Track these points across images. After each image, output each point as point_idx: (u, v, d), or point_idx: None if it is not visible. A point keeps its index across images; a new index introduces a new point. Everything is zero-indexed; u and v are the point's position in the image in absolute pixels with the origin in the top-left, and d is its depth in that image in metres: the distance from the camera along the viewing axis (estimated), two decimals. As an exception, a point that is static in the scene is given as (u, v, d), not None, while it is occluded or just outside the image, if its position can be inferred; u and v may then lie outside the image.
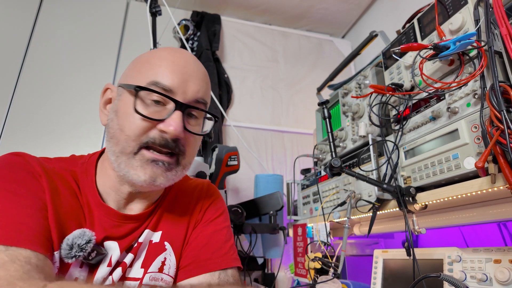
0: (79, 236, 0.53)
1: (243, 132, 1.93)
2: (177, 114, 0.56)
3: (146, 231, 0.63)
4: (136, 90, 0.56)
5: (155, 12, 1.41)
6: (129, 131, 0.56)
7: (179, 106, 0.56)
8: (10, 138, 1.56)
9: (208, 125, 0.66)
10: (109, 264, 0.58)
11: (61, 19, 1.83)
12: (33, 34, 1.75)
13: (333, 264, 1.01)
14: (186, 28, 1.95)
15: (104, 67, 1.82)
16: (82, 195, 0.60)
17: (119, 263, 0.59)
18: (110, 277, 0.58)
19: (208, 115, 0.64)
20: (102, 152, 0.66)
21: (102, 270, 0.57)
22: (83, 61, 1.79)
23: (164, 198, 0.69)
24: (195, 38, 2.00)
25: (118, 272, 0.58)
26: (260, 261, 1.36)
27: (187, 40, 1.94)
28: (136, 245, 0.62)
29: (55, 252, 0.53)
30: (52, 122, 1.64)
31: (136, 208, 0.64)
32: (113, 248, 0.59)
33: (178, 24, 1.92)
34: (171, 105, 0.57)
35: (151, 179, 0.56)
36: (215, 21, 2.08)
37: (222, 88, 1.97)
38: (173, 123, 0.55)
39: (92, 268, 0.57)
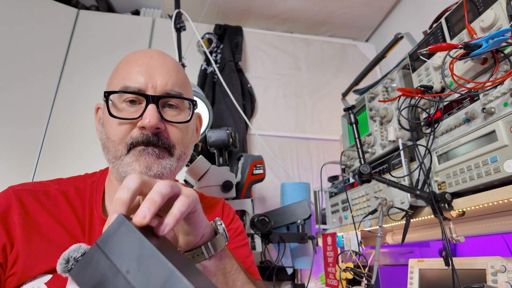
0: (75, 249, 0.53)
1: (267, 141, 1.93)
2: (151, 107, 0.56)
3: None
4: (106, 96, 0.58)
5: (179, 28, 1.46)
6: (113, 136, 0.58)
7: (150, 99, 0.57)
8: (48, 157, 1.65)
9: (191, 113, 0.64)
10: None
11: (92, 37, 1.94)
12: (69, 52, 1.87)
13: (366, 275, 0.98)
14: (209, 41, 2.00)
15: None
16: (85, 211, 0.61)
17: None
18: None
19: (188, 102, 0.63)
20: None
21: None
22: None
23: None
24: (218, 51, 2.04)
25: None
26: (289, 271, 1.34)
27: (210, 53, 1.99)
28: None
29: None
30: (86, 141, 1.71)
31: None
32: None
33: (202, 38, 1.97)
34: (144, 102, 0.58)
35: (147, 168, 0.56)
36: (237, 33, 2.12)
37: (246, 97, 1.99)
38: (147, 116, 0.55)
39: None
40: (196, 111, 0.65)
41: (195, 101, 0.64)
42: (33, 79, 1.75)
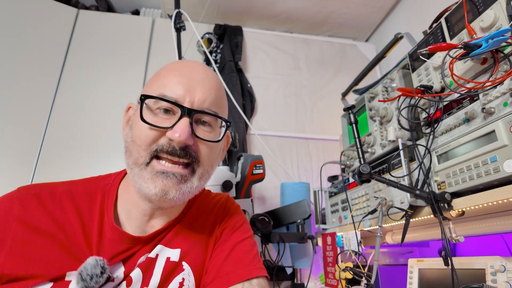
0: (94, 265, 0.52)
1: (267, 141, 1.93)
2: (184, 120, 0.55)
3: (159, 246, 0.61)
4: (142, 99, 0.57)
5: (179, 28, 1.46)
6: (139, 140, 0.56)
7: (185, 111, 0.55)
8: (48, 157, 1.65)
9: (222, 132, 0.63)
10: (112, 279, 0.56)
11: (92, 38, 1.94)
12: (68, 54, 1.87)
13: (365, 274, 0.98)
14: (209, 41, 2.00)
15: (132, 84, 1.89)
16: (94, 216, 0.59)
17: (124, 277, 0.57)
18: None
19: (223, 123, 0.62)
20: None
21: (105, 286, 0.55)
22: (113, 78, 1.88)
23: (185, 214, 0.67)
24: (218, 51, 2.04)
25: (123, 287, 0.56)
26: (289, 271, 1.34)
27: (210, 52, 1.99)
28: (145, 259, 0.59)
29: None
30: (85, 139, 1.72)
31: (157, 224, 0.63)
32: (118, 266, 0.58)
33: (202, 37, 1.97)
34: (178, 113, 0.56)
35: (162, 192, 0.55)
36: (237, 33, 2.12)
37: (246, 97, 1.99)
38: (178, 130, 0.54)
39: None
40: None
41: (230, 122, 0.63)
42: (33, 79, 1.75)
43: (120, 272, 0.57)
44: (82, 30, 1.95)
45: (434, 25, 0.89)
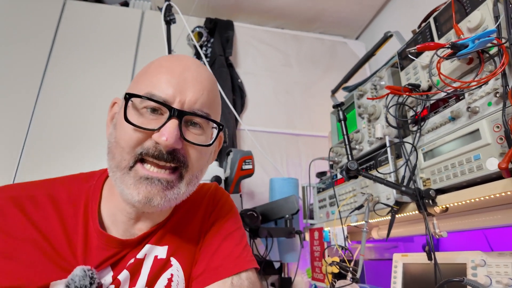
0: (83, 276, 0.50)
1: (257, 136, 1.94)
2: (172, 123, 0.50)
3: (147, 246, 0.60)
4: (126, 98, 0.52)
5: (169, 21, 1.44)
6: (123, 142, 0.52)
7: (174, 113, 0.51)
8: (31, 152, 1.61)
9: (214, 134, 0.58)
10: (100, 286, 0.54)
11: (78, 30, 1.89)
12: (54, 45, 1.82)
13: (351, 269, 0.99)
14: (200, 35, 1.98)
15: (121, 77, 1.85)
16: (79, 222, 0.56)
17: (112, 281, 0.56)
18: None
19: (214, 125, 0.57)
20: None
21: None
22: (100, 71, 1.83)
23: (174, 214, 0.65)
24: (209, 45, 2.02)
25: None
26: (276, 265, 1.35)
27: (201, 46, 1.97)
28: (133, 261, 0.57)
29: None
30: (71, 133, 1.68)
31: (144, 227, 0.61)
32: (107, 271, 0.56)
33: (192, 31, 1.95)
34: (167, 114, 0.52)
35: (146, 199, 0.51)
36: (228, 27, 2.11)
37: (236, 93, 1.98)
38: (165, 133, 0.49)
39: None
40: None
41: (222, 125, 0.58)
42: (17, 71, 1.70)
43: (108, 276, 0.56)
44: (69, 21, 1.89)
45: (423, 24, 0.90)
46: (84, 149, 1.66)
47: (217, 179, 1.20)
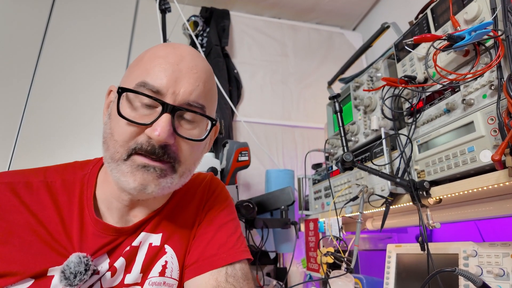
0: (78, 263, 0.51)
1: (253, 128, 1.93)
2: (165, 118, 0.50)
3: (142, 234, 0.60)
4: (119, 92, 0.52)
5: (164, 9, 1.41)
6: (118, 135, 0.52)
7: (167, 108, 0.51)
8: (25, 142, 1.60)
9: (208, 127, 0.58)
10: (97, 272, 0.55)
11: (72, 20, 1.86)
12: (46, 35, 1.78)
13: (345, 259, 1.01)
14: (195, 24, 1.95)
15: (115, 66, 1.83)
16: (74, 209, 0.57)
17: (108, 268, 0.57)
18: (99, 283, 0.55)
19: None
20: None
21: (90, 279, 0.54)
22: (94, 61, 1.81)
23: (169, 201, 0.66)
24: (205, 34, 2.00)
25: (108, 277, 0.56)
26: (272, 255, 1.37)
27: (196, 36, 1.94)
28: (129, 248, 0.58)
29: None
30: (65, 122, 1.67)
31: (140, 214, 0.62)
32: (103, 258, 0.57)
33: (188, 20, 1.92)
34: (160, 108, 0.51)
35: (141, 186, 0.52)
36: (224, 17, 2.08)
37: (232, 83, 1.97)
38: (158, 128, 0.50)
39: None
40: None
41: (216, 120, 0.58)
42: (10, 59, 1.67)
43: (105, 263, 0.57)
44: (62, 9, 1.86)
45: (420, 15, 0.90)
46: (78, 140, 1.65)
47: (213, 170, 1.20)
